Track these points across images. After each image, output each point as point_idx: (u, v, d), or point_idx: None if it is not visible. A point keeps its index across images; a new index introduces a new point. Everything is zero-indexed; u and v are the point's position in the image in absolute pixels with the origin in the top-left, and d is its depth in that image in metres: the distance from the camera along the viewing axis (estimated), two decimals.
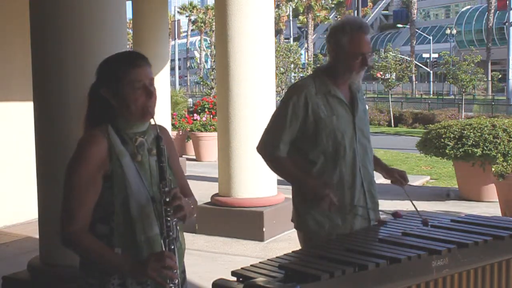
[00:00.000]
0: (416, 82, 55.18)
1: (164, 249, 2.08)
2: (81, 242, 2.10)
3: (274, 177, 6.54)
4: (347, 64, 2.95)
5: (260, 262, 2.44)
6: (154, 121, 2.19)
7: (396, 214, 3.04)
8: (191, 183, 2.28)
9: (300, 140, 2.98)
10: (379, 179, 3.22)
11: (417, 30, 58.72)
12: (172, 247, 2.08)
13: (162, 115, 9.40)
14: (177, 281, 2.06)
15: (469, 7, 65.54)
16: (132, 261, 2.06)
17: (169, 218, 2.08)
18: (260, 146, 3.08)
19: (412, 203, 3.06)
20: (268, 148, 3.02)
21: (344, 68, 2.96)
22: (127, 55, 2.22)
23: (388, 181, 3.22)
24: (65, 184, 2.15)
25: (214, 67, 18.66)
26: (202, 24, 70.89)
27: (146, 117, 2.17)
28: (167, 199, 2.08)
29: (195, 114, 14.44)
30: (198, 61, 68.80)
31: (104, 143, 2.13)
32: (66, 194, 2.14)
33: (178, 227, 2.15)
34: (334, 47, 2.98)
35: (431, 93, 52.82)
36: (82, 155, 2.13)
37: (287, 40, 48.59)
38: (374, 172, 3.15)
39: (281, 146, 2.98)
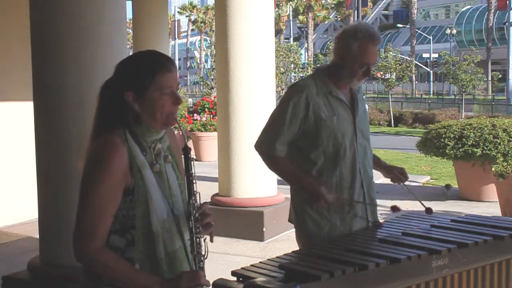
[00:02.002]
0: (416, 82, 55.14)
1: (194, 267, 2.01)
2: (101, 260, 1.94)
3: (274, 177, 6.53)
4: (350, 70, 2.94)
5: (260, 262, 2.44)
6: (181, 129, 2.13)
7: (394, 208, 3.05)
8: None
9: (300, 140, 2.98)
10: (379, 179, 3.23)
11: (417, 30, 58.69)
12: (201, 265, 2.02)
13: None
14: None
15: (469, 7, 65.53)
16: (160, 280, 1.94)
17: (198, 236, 2.02)
18: (258, 144, 3.07)
19: (415, 196, 3.07)
20: (266, 147, 3.01)
21: (346, 73, 2.96)
22: (157, 58, 2.03)
23: (388, 181, 3.22)
24: (83, 197, 1.96)
25: (214, 67, 18.66)
26: (202, 24, 70.87)
27: (169, 124, 2.06)
28: (197, 215, 2.01)
29: (195, 114, 14.44)
30: (198, 61, 68.76)
31: (125, 154, 1.97)
32: (84, 209, 1.95)
33: (207, 244, 2.06)
34: (342, 50, 2.97)
35: (431, 93, 52.80)
36: (104, 168, 1.94)
37: (287, 40, 48.58)
38: (374, 172, 3.15)
39: (279, 146, 2.97)
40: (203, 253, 2.03)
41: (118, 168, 1.95)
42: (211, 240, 2.06)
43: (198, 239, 2.01)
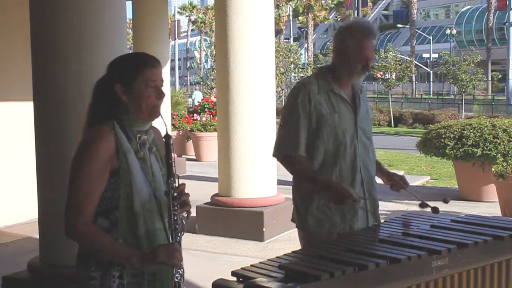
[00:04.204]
0: (416, 82, 55.15)
1: (171, 240, 2.18)
2: (90, 234, 2.14)
3: (274, 177, 6.54)
4: (349, 66, 2.97)
5: (260, 262, 2.44)
6: (163, 120, 2.27)
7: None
8: (191, 183, 2.31)
9: None
10: (377, 179, 3.23)
11: (417, 30, 58.67)
12: (178, 239, 2.18)
13: (162, 115, 9.43)
14: (182, 270, 2.18)
15: (469, 7, 65.51)
16: (139, 252, 2.13)
17: (176, 212, 2.18)
18: (278, 151, 3.03)
19: (415, 196, 3.07)
20: (288, 151, 2.98)
21: (345, 70, 2.99)
22: (144, 56, 2.29)
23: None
24: (73, 177, 2.17)
25: (214, 67, 18.66)
26: (202, 24, 70.83)
27: (153, 116, 2.25)
28: (175, 194, 2.18)
29: (195, 114, 14.45)
30: (198, 61, 68.76)
31: (112, 139, 2.18)
32: (74, 188, 2.17)
33: (184, 221, 2.23)
34: (339, 48, 3.00)
35: (431, 93, 52.80)
36: (92, 150, 2.15)
37: (287, 40, 48.54)
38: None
39: (301, 147, 2.95)
40: (179, 229, 2.19)
41: (104, 151, 2.15)
42: (187, 218, 2.26)
43: (175, 217, 2.18)
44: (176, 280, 2.17)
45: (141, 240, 2.19)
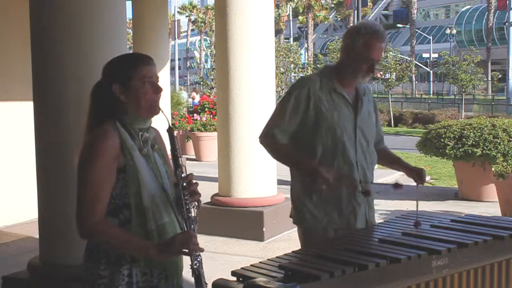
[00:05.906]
0: (416, 82, 55.12)
1: (186, 228, 2.21)
2: (105, 231, 2.16)
3: (274, 176, 6.54)
4: (355, 66, 2.98)
5: (260, 262, 2.44)
6: (164, 114, 2.32)
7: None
8: None
9: (301, 133, 3.01)
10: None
11: (417, 30, 58.66)
12: (192, 226, 2.22)
13: (162, 115, 9.43)
14: (200, 257, 2.18)
15: (469, 7, 65.52)
16: (155, 243, 2.16)
17: (187, 201, 2.22)
18: (261, 136, 3.12)
19: (417, 203, 3.06)
20: (267, 136, 3.06)
21: (351, 70, 3.00)
22: (137, 55, 2.37)
23: (388, 182, 3.23)
24: (81, 177, 2.20)
25: (214, 67, 18.66)
26: (202, 24, 70.85)
27: (153, 112, 2.30)
28: (185, 184, 2.22)
29: (195, 114, 14.45)
30: (198, 61, 68.76)
31: (116, 138, 2.22)
32: (84, 188, 2.19)
33: (196, 210, 2.26)
34: (347, 47, 3.02)
35: (431, 93, 52.79)
36: (98, 149, 2.19)
37: (287, 40, 48.52)
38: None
39: (280, 133, 3.02)
40: (193, 218, 2.23)
41: (110, 149, 2.19)
42: (199, 207, 2.29)
43: (187, 206, 2.22)
44: (195, 267, 2.17)
45: (151, 235, 2.22)
